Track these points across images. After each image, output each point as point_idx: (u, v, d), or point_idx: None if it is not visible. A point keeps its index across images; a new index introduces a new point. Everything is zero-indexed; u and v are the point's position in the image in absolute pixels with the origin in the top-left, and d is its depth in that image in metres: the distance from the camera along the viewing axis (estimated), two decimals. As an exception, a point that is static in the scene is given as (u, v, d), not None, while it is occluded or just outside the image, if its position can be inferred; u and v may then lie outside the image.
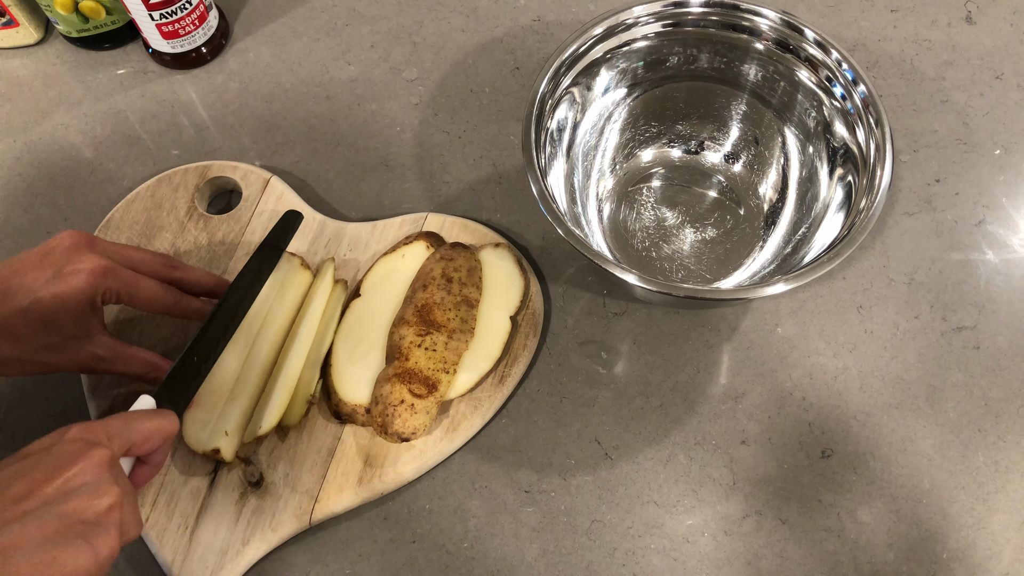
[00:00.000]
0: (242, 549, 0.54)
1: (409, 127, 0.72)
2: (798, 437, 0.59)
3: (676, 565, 0.55)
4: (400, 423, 0.55)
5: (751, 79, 0.64)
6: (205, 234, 0.65)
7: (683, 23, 0.62)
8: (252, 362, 0.58)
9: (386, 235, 0.65)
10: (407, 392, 0.55)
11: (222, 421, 0.56)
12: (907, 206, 0.67)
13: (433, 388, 0.56)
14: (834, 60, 0.58)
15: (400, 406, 0.55)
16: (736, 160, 0.67)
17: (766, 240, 0.64)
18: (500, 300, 0.61)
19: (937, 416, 0.59)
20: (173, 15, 0.69)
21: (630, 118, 0.66)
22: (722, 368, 0.61)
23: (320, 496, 0.56)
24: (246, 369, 0.57)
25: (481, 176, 0.69)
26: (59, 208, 0.69)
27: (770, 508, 0.57)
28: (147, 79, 0.75)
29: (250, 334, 0.58)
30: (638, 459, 0.58)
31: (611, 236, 0.66)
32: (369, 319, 0.60)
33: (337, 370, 0.58)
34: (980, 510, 0.56)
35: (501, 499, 0.57)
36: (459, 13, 0.78)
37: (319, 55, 0.76)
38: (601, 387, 0.61)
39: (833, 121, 0.60)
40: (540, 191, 0.55)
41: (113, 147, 0.72)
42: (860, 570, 0.55)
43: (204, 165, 0.67)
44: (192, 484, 0.56)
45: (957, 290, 0.64)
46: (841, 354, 0.62)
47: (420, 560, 0.56)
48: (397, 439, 0.55)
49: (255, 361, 0.58)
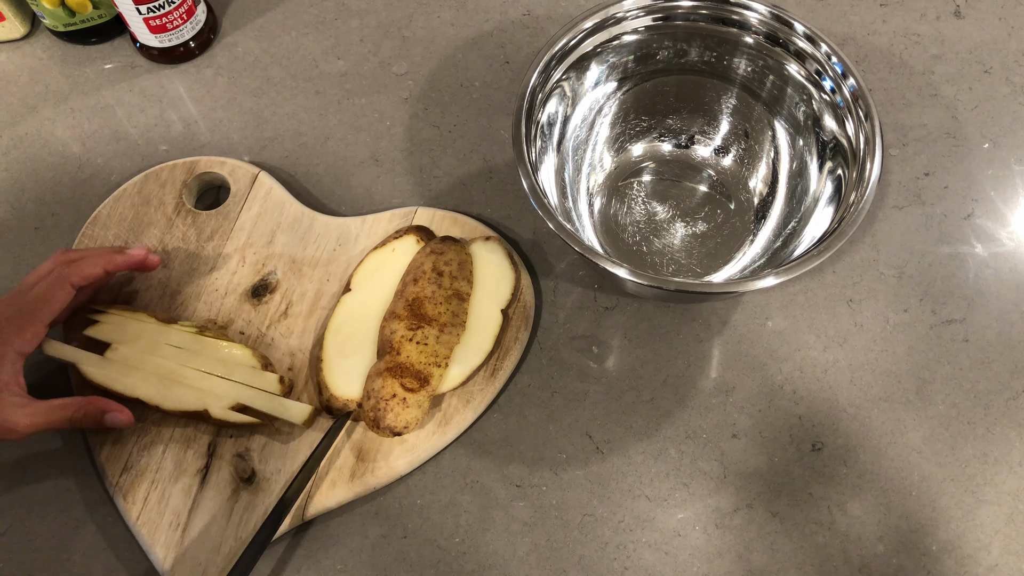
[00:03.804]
0: (235, 546, 0.54)
1: (399, 121, 0.72)
2: (788, 430, 0.59)
3: (667, 559, 0.55)
4: (392, 417, 0.54)
5: (741, 73, 0.64)
6: (193, 230, 0.65)
7: (673, 17, 0.62)
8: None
9: (376, 229, 0.65)
10: (399, 386, 0.55)
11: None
12: (896, 200, 0.68)
13: (425, 382, 0.56)
14: (823, 53, 0.58)
15: (392, 400, 0.55)
16: (726, 154, 0.67)
17: (756, 234, 0.64)
18: (491, 293, 0.61)
19: (927, 409, 0.60)
20: (161, 9, 0.69)
21: (620, 112, 0.66)
22: (712, 362, 0.62)
23: (313, 491, 0.55)
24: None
25: (471, 170, 0.69)
26: (46, 204, 0.68)
27: (761, 501, 0.57)
28: (135, 74, 0.75)
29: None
30: (629, 453, 0.58)
31: (602, 231, 0.65)
32: (360, 313, 0.60)
33: (328, 365, 0.58)
34: (969, 502, 0.57)
35: (492, 494, 0.57)
36: (448, 7, 0.78)
37: (308, 49, 0.76)
38: (592, 381, 0.61)
39: (823, 114, 0.60)
40: (531, 185, 0.54)
41: (100, 142, 0.71)
42: (850, 562, 0.55)
43: (192, 161, 0.67)
44: (183, 481, 0.56)
45: (946, 283, 0.64)
46: (831, 347, 0.62)
47: (411, 555, 0.56)
48: (389, 433, 0.55)
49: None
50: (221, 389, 0.57)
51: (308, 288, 0.62)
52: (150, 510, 0.55)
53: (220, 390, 0.57)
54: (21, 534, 0.57)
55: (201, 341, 0.58)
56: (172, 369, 0.57)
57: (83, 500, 0.57)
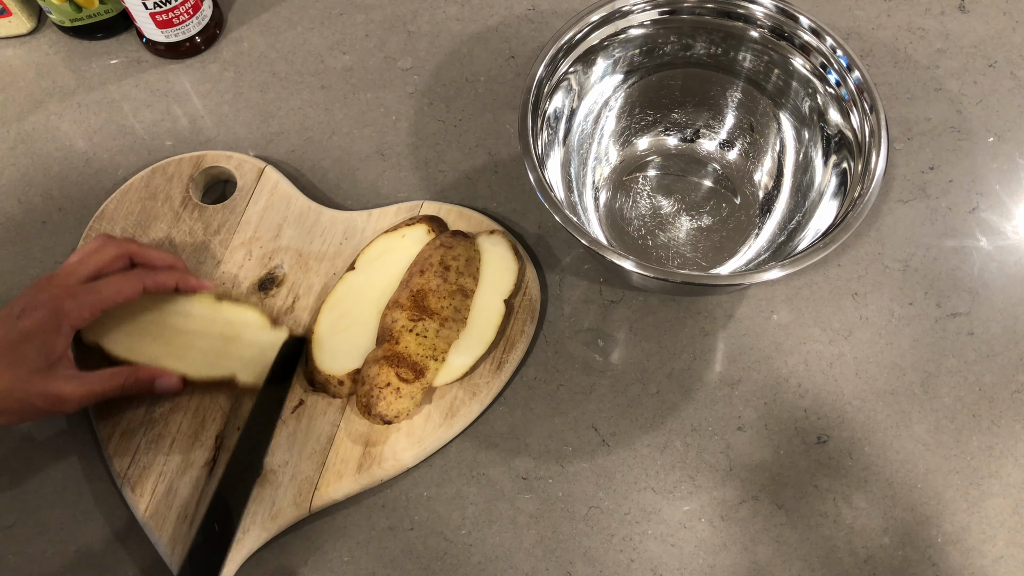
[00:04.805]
0: (242, 538, 0.54)
1: (404, 116, 0.72)
2: (794, 423, 0.59)
3: (673, 550, 0.55)
4: (384, 405, 0.55)
5: (746, 66, 0.64)
6: (200, 224, 0.65)
7: (679, 11, 0.62)
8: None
9: (382, 223, 0.65)
10: (394, 375, 0.55)
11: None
12: (901, 193, 0.68)
13: (420, 374, 0.56)
14: (828, 47, 0.58)
15: (386, 389, 0.55)
16: (731, 148, 0.67)
17: (761, 228, 0.65)
18: (494, 284, 0.61)
19: (932, 402, 0.60)
20: (167, 4, 0.69)
21: (626, 105, 0.66)
22: (718, 355, 0.62)
23: (320, 483, 0.56)
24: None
25: (477, 165, 0.69)
26: (53, 198, 0.69)
27: (766, 493, 0.57)
28: (141, 69, 0.75)
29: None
30: (635, 446, 0.59)
31: (607, 224, 0.66)
32: (358, 293, 0.61)
33: (318, 338, 0.59)
34: (974, 494, 0.57)
35: (499, 486, 0.58)
36: (453, 2, 0.78)
37: (314, 44, 0.76)
38: (598, 374, 0.61)
39: (828, 108, 0.60)
40: (537, 178, 0.55)
41: (107, 137, 0.71)
42: (856, 554, 0.55)
43: (198, 155, 0.67)
44: (191, 474, 0.56)
45: (951, 277, 0.64)
46: (836, 340, 0.62)
47: (418, 547, 0.56)
48: (380, 421, 0.55)
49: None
50: (247, 354, 0.59)
51: (315, 281, 0.63)
52: (158, 502, 0.55)
53: (245, 355, 0.59)
54: (29, 526, 0.57)
55: (214, 307, 0.60)
56: (191, 339, 0.59)
57: (91, 492, 0.58)
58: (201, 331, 0.59)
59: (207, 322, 0.59)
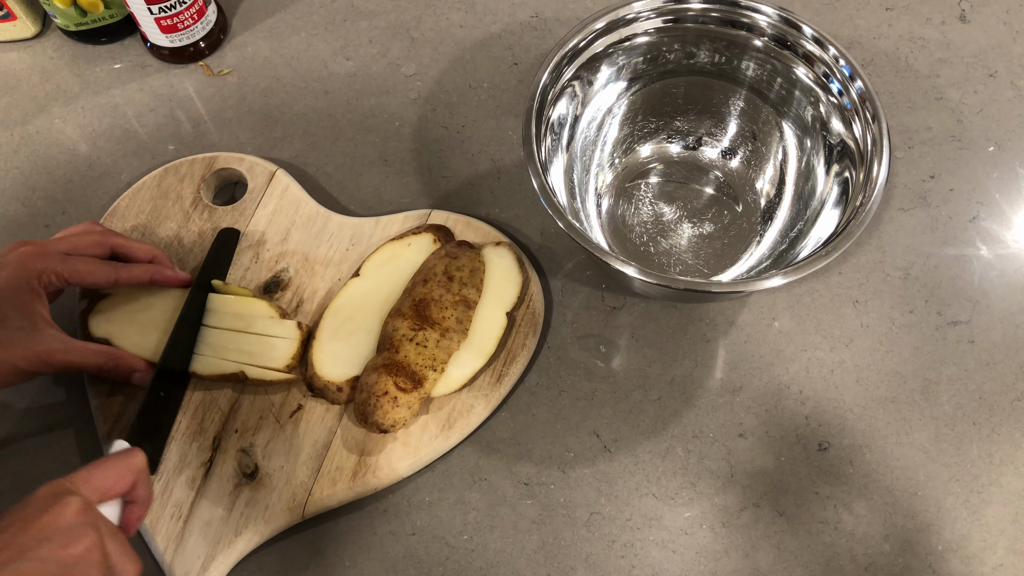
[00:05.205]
0: (234, 540, 0.54)
1: (408, 122, 0.72)
2: (795, 430, 0.59)
3: (674, 557, 0.56)
4: (381, 414, 0.55)
5: (749, 75, 0.64)
6: (210, 224, 0.65)
7: (683, 19, 0.62)
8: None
9: (389, 231, 0.65)
10: (392, 384, 0.55)
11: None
12: (902, 202, 0.68)
13: (419, 384, 0.56)
14: (831, 56, 0.59)
15: (384, 397, 0.55)
16: (734, 156, 0.68)
17: (763, 235, 0.65)
18: (497, 296, 0.61)
19: (932, 409, 0.60)
20: (172, 9, 0.69)
21: (629, 113, 0.67)
22: (719, 362, 0.62)
23: (314, 489, 0.56)
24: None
25: (480, 171, 0.70)
26: (57, 202, 0.69)
27: (767, 500, 0.57)
28: (145, 73, 0.75)
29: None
30: (637, 452, 0.59)
31: (609, 231, 0.66)
32: (361, 300, 0.61)
33: (319, 344, 0.59)
34: (975, 502, 0.57)
35: (500, 492, 0.58)
36: (457, 9, 0.78)
37: (317, 50, 0.76)
38: (600, 381, 0.61)
39: (830, 117, 0.60)
40: (541, 185, 0.55)
41: (110, 141, 0.71)
42: (856, 561, 0.55)
43: (211, 156, 0.67)
44: (187, 474, 0.56)
45: (952, 285, 0.64)
46: (837, 348, 0.62)
47: (420, 552, 0.56)
48: (376, 429, 0.55)
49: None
50: (256, 348, 0.59)
51: (320, 286, 0.63)
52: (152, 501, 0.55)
53: (255, 349, 0.59)
54: (31, 529, 0.57)
55: (220, 299, 0.60)
56: (200, 334, 0.60)
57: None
58: (210, 326, 0.60)
59: (215, 317, 0.60)
